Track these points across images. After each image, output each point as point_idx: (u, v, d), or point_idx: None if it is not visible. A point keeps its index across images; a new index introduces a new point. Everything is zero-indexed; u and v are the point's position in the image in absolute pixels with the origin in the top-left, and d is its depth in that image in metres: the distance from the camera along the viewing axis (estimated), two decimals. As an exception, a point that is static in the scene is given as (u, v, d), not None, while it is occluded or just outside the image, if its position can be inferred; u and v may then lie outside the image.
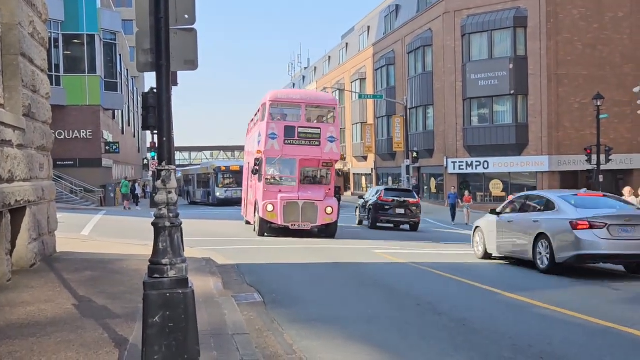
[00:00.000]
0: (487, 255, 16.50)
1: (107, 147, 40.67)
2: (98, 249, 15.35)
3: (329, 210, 21.06)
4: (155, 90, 5.84)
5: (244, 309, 9.26)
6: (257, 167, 21.22)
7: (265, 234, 22.03)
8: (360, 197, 35.14)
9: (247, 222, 26.64)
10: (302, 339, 7.71)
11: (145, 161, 51.34)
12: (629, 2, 40.49)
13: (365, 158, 66.50)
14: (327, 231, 22.22)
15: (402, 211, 29.07)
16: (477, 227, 17.31)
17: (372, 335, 7.96)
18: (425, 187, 51.91)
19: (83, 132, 37.48)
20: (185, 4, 5.69)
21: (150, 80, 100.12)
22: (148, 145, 46.31)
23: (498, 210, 16.52)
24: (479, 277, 13.26)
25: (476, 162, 44.07)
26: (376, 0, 79.92)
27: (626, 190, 20.55)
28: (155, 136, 5.47)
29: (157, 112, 5.36)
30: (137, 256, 14.01)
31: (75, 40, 37.95)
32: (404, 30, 55.09)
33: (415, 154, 44.66)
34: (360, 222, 32.07)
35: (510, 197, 21.62)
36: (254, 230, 22.76)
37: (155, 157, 30.43)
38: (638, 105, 24.56)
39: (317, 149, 21.66)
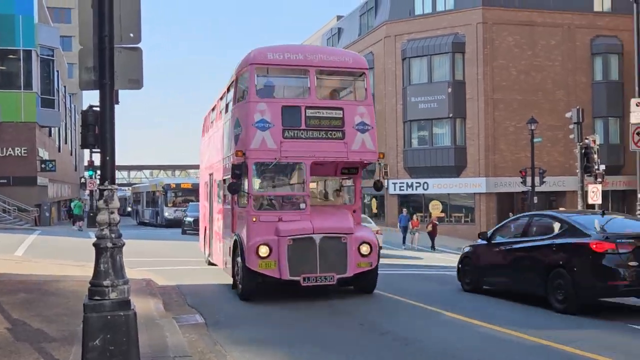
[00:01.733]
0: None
1: (42, 165, 39.18)
2: (33, 270, 14.92)
3: (364, 249, 11.81)
4: (94, 108, 5.77)
5: (186, 331, 9.11)
6: (236, 181, 11.74)
7: (252, 296, 11.94)
8: None
9: (211, 263, 17.38)
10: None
11: (83, 180, 49.55)
12: (560, 31, 42.07)
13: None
14: (361, 283, 12.60)
15: None
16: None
17: (317, 357, 7.94)
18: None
19: (18, 150, 36.06)
20: (130, 22, 5.64)
21: (88, 97, 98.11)
22: (85, 163, 44.67)
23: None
24: (489, 316, 10.66)
25: (416, 183, 44.20)
26: (319, 22, 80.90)
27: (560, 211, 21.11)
28: (94, 155, 5.42)
29: (99, 130, 5.30)
30: (74, 277, 13.67)
31: (11, 56, 36.83)
32: (346, 53, 55.07)
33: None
34: None
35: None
36: (236, 287, 12.49)
37: (94, 176, 28.36)
38: (570, 130, 25.56)
39: (339, 144, 12.25)
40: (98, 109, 6.92)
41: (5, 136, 35.67)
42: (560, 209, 21.49)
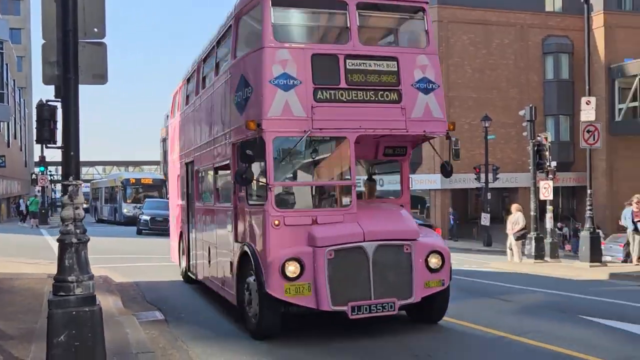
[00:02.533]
0: None
1: None
2: None
3: (434, 261, 8.34)
4: (50, 103, 5.81)
5: (146, 327, 9.15)
6: (246, 167, 7.93)
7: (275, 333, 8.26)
8: None
9: (191, 280, 13.33)
10: (208, 356, 7.71)
11: (34, 176, 48.29)
12: (513, 30, 42.84)
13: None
14: (425, 309, 8.93)
15: None
16: None
17: (278, 350, 8.03)
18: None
19: None
20: (95, 17, 5.67)
21: (39, 92, 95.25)
22: (36, 159, 43.67)
23: None
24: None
25: (372, 179, 44.93)
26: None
27: (513, 207, 21.59)
28: (49, 150, 5.43)
29: (63, 126, 5.34)
30: (29, 274, 13.55)
31: None
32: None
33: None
34: None
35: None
36: (246, 321, 8.59)
37: (45, 172, 28.02)
38: (522, 128, 26.25)
39: (394, 109, 8.67)
40: (54, 103, 6.88)
41: (-49, 131, 35.00)
42: (513, 205, 22.12)
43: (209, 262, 11.42)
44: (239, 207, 9.27)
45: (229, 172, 9.89)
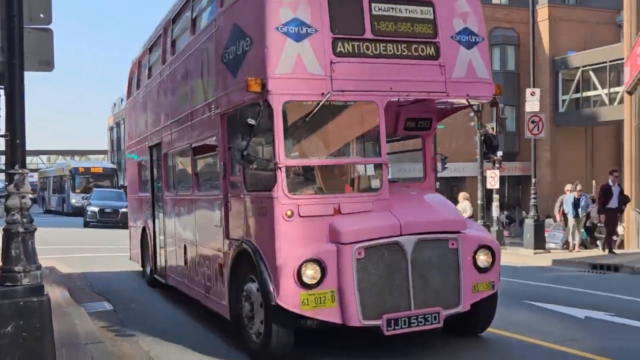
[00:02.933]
0: None
1: None
2: None
3: (483, 258, 6.73)
4: None
5: (95, 318, 9.17)
6: (246, 142, 5.96)
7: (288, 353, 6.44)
8: None
9: (157, 283, 11.71)
10: (158, 345, 7.74)
11: None
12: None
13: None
14: (472, 317, 7.01)
15: None
16: None
17: (231, 338, 8.10)
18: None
19: None
20: (41, 2, 5.60)
21: None
22: None
23: None
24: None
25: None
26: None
27: (461, 195, 21.90)
28: None
29: (8, 113, 5.30)
30: None
31: None
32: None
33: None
34: None
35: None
36: (246, 339, 6.75)
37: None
38: (470, 118, 26.85)
39: (431, 67, 6.88)
40: None
41: None
42: (461, 193, 22.66)
43: (185, 263, 9.64)
44: (232, 195, 7.45)
45: (214, 152, 8.28)
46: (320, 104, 6.30)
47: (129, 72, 14.15)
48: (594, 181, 25.89)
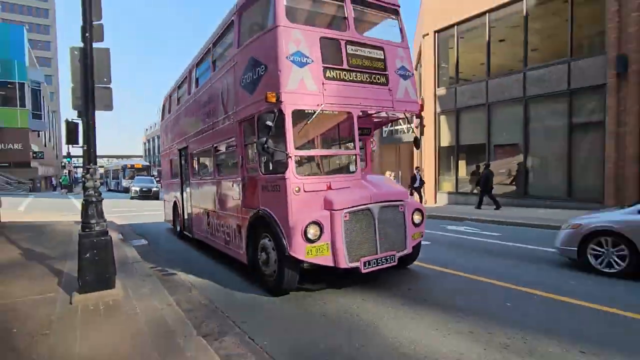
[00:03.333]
0: None
1: (34, 154, 44.99)
2: (32, 218, 15.56)
3: (417, 217, 8.23)
4: (73, 121, 7.70)
5: (137, 248, 10.47)
6: (265, 137, 6.96)
7: (293, 287, 7.34)
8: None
9: (184, 238, 13.28)
10: (172, 260, 9.42)
11: (63, 164, 55.25)
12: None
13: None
14: (408, 257, 8.73)
15: None
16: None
17: (241, 275, 8.65)
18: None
19: (16, 145, 42.03)
20: (103, 71, 6.84)
21: (65, 114, 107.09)
22: (64, 153, 51.04)
23: None
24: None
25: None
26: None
27: (387, 173, 22.20)
28: (70, 147, 7.08)
29: (85, 133, 6.34)
30: (61, 222, 14.49)
31: (9, 86, 42.47)
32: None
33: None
34: None
35: None
36: (263, 281, 7.85)
37: (70, 161, 32.27)
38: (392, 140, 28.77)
39: (383, 90, 8.10)
40: (76, 120, 7.90)
41: (6, 137, 41.04)
42: (387, 172, 24.35)
43: (208, 224, 10.37)
44: (249, 177, 7.98)
45: (231, 148, 9.01)
46: (317, 112, 6.97)
47: (163, 102, 15.13)
48: (400, 172, 30.11)
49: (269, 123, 6.62)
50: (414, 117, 8.60)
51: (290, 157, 6.82)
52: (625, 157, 15.01)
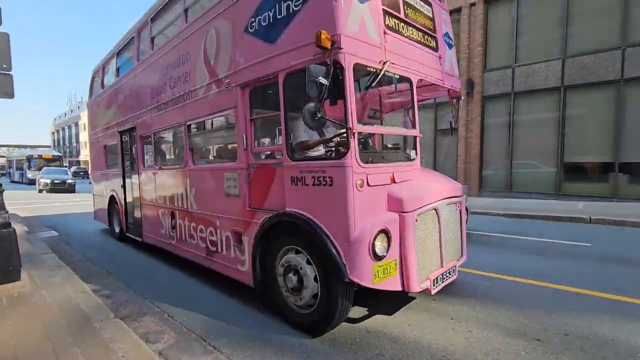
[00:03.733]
0: None
1: None
2: None
3: (466, 218, 6.30)
4: None
5: (46, 240, 10.11)
6: (316, 98, 4.29)
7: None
8: None
9: (126, 240, 10.81)
10: (88, 250, 9.29)
11: None
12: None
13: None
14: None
15: None
16: None
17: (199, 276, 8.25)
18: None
19: None
20: (3, 57, 6.53)
21: None
22: None
23: None
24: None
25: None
26: None
27: None
28: None
29: None
30: None
31: None
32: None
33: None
34: None
35: None
36: (298, 311, 5.30)
37: None
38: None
39: (434, 57, 5.93)
40: None
41: None
42: None
43: (173, 227, 8.00)
44: (258, 165, 5.71)
45: (216, 127, 6.96)
46: (382, 71, 4.84)
47: (92, 75, 12.44)
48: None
49: (322, 80, 4.33)
50: (454, 99, 6.69)
51: (354, 133, 4.58)
52: (471, 156, 19.35)
